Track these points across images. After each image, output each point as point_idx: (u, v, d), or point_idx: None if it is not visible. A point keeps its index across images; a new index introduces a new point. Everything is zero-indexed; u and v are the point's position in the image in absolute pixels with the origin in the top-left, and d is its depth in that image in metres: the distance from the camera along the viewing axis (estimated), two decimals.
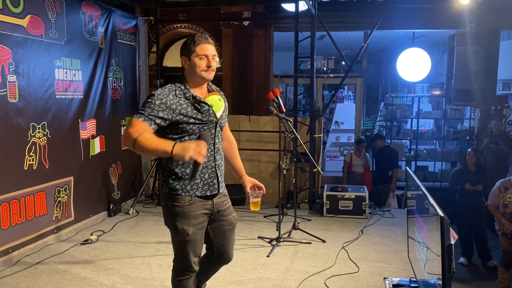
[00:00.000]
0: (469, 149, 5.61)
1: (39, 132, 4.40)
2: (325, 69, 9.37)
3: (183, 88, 2.44)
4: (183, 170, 2.45)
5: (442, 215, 1.95)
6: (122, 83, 6.00)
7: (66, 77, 4.83)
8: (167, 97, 2.37)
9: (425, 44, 9.48)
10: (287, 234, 4.88)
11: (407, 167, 3.27)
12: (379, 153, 7.34)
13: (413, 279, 2.82)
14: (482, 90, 6.00)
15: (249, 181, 2.74)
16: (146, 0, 6.47)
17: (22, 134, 4.20)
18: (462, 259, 5.38)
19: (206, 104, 2.47)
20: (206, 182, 2.49)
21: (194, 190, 2.47)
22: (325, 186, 6.12)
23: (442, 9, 6.59)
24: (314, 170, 5.93)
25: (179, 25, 7.30)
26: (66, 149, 4.85)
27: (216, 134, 2.54)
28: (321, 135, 6.74)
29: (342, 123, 10.29)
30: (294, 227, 4.97)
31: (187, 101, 2.41)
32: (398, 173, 7.42)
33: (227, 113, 2.65)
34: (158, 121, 2.34)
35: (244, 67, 7.33)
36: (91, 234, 4.83)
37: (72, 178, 4.95)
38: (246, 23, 7.12)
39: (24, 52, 4.19)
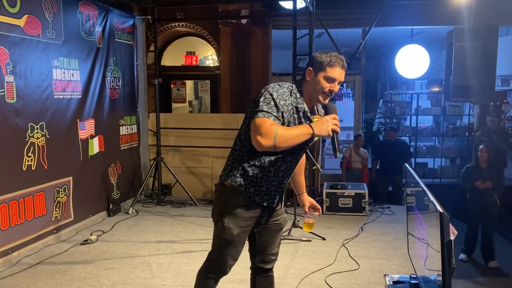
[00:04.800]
0: (481, 146, 5.52)
1: (37, 132, 4.39)
2: None
3: (298, 97, 2.30)
4: (254, 170, 2.34)
5: (442, 211, 1.95)
6: (120, 82, 5.99)
7: (64, 77, 4.82)
8: (287, 99, 2.26)
9: (423, 40, 9.47)
10: (287, 232, 4.88)
11: (406, 164, 3.26)
12: (392, 144, 7.34)
13: (414, 276, 2.82)
14: (480, 86, 5.98)
15: (308, 201, 2.66)
16: None
17: (20, 135, 4.19)
18: (462, 256, 5.37)
19: None
20: (268, 193, 2.40)
21: (254, 194, 2.36)
22: (325, 183, 6.12)
23: (440, 5, 6.57)
24: (314, 167, 5.92)
25: (177, 24, 7.28)
26: (65, 149, 4.84)
27: (301, 154, 2.46)
28: None
29: (341, 121, 10.20)
30: (294, 225, 4.97)
31: (296, 113, 2.28)
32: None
33: None
34: (281, 119, 2.21)
35: (243, 66, 7.30)
36: (91, 234, 4.83)
37: (71, 178, 4.94)
38: (244, 21, 7.10)
39: (21, 52, 4.18)
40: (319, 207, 2.67)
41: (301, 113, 2.30)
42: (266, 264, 2.62)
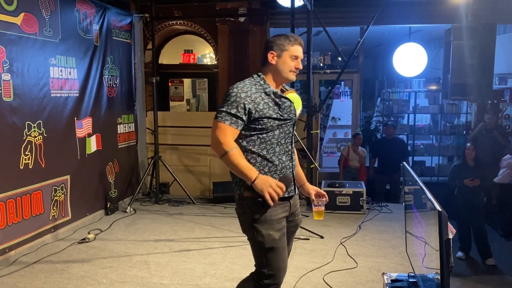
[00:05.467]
0: (468, 144, 5.57)
1: (34, 131, 4.38)
2: (321, 65, 9.33)
3: (262, 83, 2.35)
4: (260, 166, 2.31)
5: (440, 209, 1.95)
6: (117, 81, 5.98)
7: (61, 75, 4.81)
8: (250, 90, 2.29)
9: (421, 39, 9.46)
10: None
11: (404, 162, 3.26)
12: (390, 142, 7.35)
13: (412, 274, 2.82)
14: (478, 85, 5.99)
15: (313, 189, 2.62)
16: None
17: (17, 133, 4.17)
18: (460, 254, 5.38)
19: (288, 99, 2.38)
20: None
21: None
22: (323, 182, 6.12)
23: (438, 3, 6.57)
24: (312, 166, 5.92)
25: (174, 22, 7.26)
26: (62, 148, 4.83)
27: (293, 133, 2.47)
28: (318, 131, 6.72)
29: (339, 119, 10.28)
30: None
31: (267, 97, 2.32)
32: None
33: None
34: (244, 118, 2.25)
35: (241, 64, 7.29)
36: (89, 233, 4.82)
37: (68, 176, 4.92)
38: (242, 19, 7.08)
39: (18, 50, 4.16)
40: (324, 193, 2.63)
41: (272, 96, 2.33)
42: None
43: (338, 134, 10.14)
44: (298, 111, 2.46)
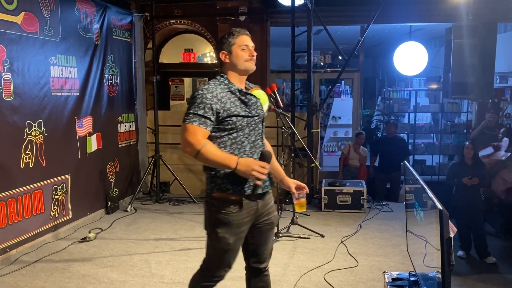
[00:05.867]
0: (467, 143, 5.57)
1: (35, 130, 4.38)
2: (322, 63, 9.32)
3: (226, 82, 2.37)
4: None
5: (441, 208, 1.95)
6: (118, 80, 5.97)
7: (62, 74, 4.81)
8: (215, 90, 2.31)
9: (422, 37, 9.45)
10: (286, 229, 4.88)
11: (405, 161, 3.26)
12: (391, 141, 7.34)
13: (412, 273, 2.82)
14: (479, 83, 5.98)
15: (292, 182, 2.63)
16: None
17: (18, 132, 4.18)
18: (460, 252, 5.37)
19: (254, 96, 2.41)
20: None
21: (246, 189, 2.34)
22: (323, 181, 6.12)
23: (439, 2, 6.56)
24: (312, 165, 5.92)
25: (175, 21, 7.25)
26: (63, 147, 4.83)
27: (263, 130, 2.48)
28: (319, 130, 6.72)
29: (340, 118, 10.27)
30: (293, 222, 4.97)
31: (233, 95, 2.34)
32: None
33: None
34: (212, 118, 2.28)
35: None
36: (89, 232, 4.82)
37: (69, 176, 4.93)
38: (242, 18, 7.07)
39: (18, 49, 4.16)
40: (304, 185, 2.63)
41: (237, 94, 2.36)
42: (260, 264, 2.60)
43: (339, 133, 10.13)
44: (265, 107, 2.49)
